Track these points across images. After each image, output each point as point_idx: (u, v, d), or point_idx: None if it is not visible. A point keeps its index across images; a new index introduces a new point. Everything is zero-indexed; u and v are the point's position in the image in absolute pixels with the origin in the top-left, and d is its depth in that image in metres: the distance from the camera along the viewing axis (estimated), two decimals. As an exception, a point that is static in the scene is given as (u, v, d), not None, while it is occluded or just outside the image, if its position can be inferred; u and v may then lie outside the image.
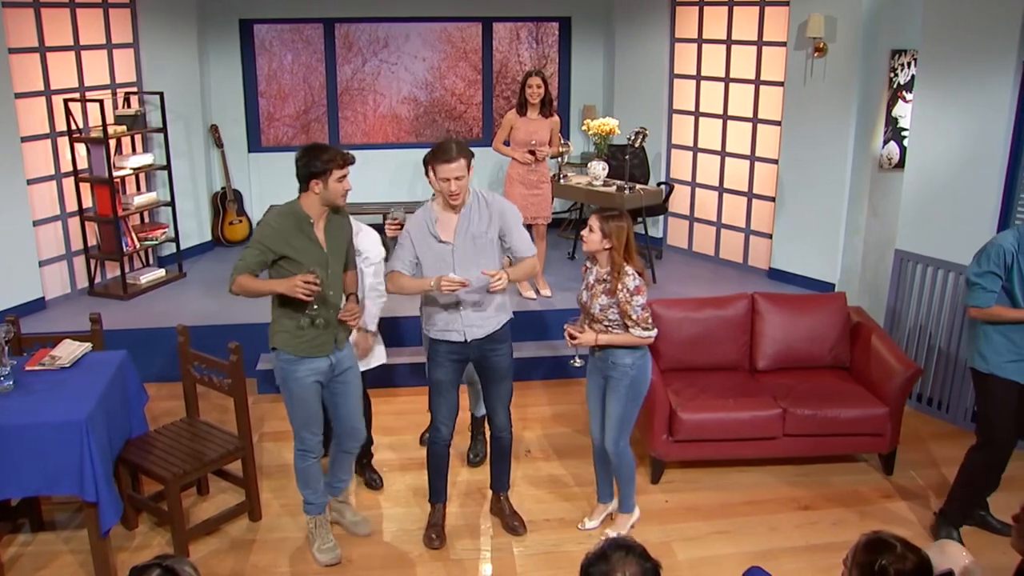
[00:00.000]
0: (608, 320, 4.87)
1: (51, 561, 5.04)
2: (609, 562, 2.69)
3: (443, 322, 4.97)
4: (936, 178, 6.71)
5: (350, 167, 4.67)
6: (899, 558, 2.93)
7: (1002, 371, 4.98)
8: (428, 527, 5.32)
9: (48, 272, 7.93)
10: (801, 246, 8.51)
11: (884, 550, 2.96)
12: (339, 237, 4.84)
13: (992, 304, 4.88)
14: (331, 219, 4.79)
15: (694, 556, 5.18)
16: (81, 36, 8.07)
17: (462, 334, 4.95)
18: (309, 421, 4.93)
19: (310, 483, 5.08)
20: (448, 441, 5.20)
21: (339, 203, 4.72)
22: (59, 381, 4.95)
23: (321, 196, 4.64)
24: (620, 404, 5.02)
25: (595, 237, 4.84)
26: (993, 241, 4.94)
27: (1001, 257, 4.84)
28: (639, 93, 9.77)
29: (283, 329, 4.77)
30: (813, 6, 7.92)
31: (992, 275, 4.86)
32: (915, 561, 2.93)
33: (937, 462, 6.24)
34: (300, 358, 4.77)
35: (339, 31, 10.23)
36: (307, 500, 5.13)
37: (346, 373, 4.99)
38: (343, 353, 4.95)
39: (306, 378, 4.80)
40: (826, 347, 6.46)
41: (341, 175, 4.63)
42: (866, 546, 3.01)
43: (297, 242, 4.65)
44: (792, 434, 5.92)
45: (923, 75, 6.76)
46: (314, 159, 4.58)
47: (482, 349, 5.01)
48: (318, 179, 4.59)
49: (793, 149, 8.41)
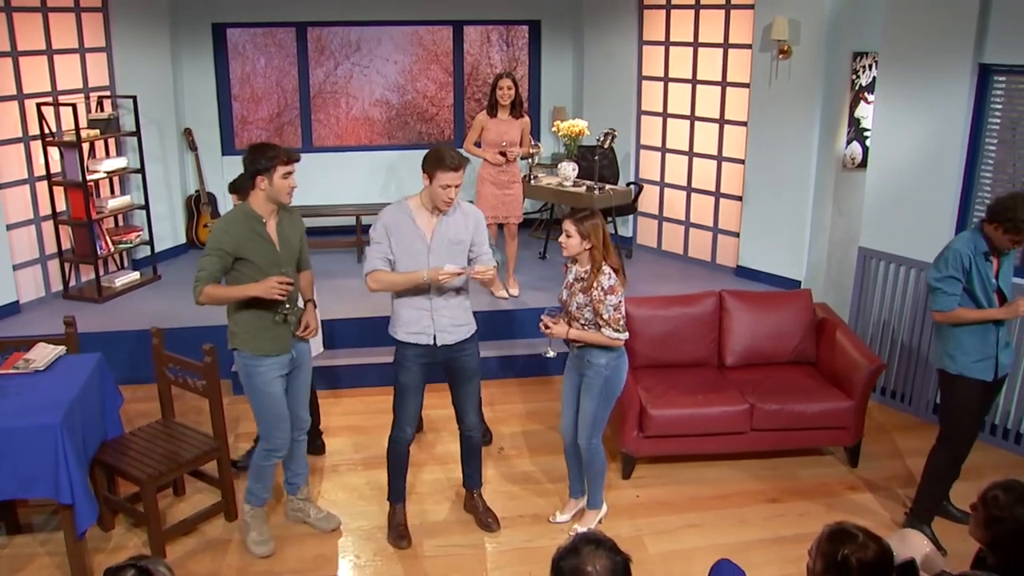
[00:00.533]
0: (584, 319, 4.90)
1: (28, 563, 5.01)
2: (580, 555, 2.71)
3: (414, 325, 4.97)
4: (898, 177, 6.79)
5: (295, 165, 4.73)
6: (860, 547, 2.97)
7: (970, 371, 5.04)
8: (391, 528, 5.31)
9: (22, 276, 7.87)
10: (767, 244, 8.57)
11: (846, 540, 3.01)
12: (291, 235, 4.91)
13: (955, 307, 4.94)
14: (282, 217, 4.85)
15: (665, 549, 5.21)
16: (54, 40, 8.00)
17: (431, 337, 4.96)
18: (278, 418, 4.96)
19: (263, 479, 5.12)
20: (410, 441, 5.22)
21: (285, 200, 4.78)
22: (33, 384, 4.93)
23: (267, 193, 4.70)
24: (593, 403, 5.05)
25: (574, 241, 4.86)
26: (951, 246, 5.00)
27: (959, 261, 4.91)
28: (608, 95, 9.82)
29: (244, 330, 4.82)
30: (777, 9, 7.99)
31: (952, 279, 4.92)
32: (876, 550, 2.98)
33: (901, 453, 6.32)
34: (264, 356, 4.83)
35: (311, 35, 10.20)
36: (252, 491, 5.15)
37: (303, 365, 5.11)
38: (301, 346, 5.05)
39: (271, 374, 4.87)
40: (792, 343, 6.52)
41: (286, 171, 4.69)
42: (829, 536, 3.06)
43: (250, 242, 4.70)
44: (760, 428, 5.97)
45: (884, 77, 6.84)
46: (259, 156, 4.66)
47: (450, 352, 5.02)
48: (264, 175, 4.66)
49: (759, 149, 8.47)
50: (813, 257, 8.24)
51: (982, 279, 4.91)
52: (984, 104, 6.33)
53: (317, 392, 6.20)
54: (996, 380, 5.11)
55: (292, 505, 5.43)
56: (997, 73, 6.26)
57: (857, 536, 3.01)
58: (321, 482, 5.92)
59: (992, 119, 6.35)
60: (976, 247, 4.90)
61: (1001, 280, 4.97)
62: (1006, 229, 4.74)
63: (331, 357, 7.31)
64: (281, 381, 4.93)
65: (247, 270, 4.70)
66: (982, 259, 4.90)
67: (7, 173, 7.66)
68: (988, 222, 4.84)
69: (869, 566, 2.95)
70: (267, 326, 4.81)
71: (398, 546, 5.22)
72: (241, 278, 4.72)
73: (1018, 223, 4.67)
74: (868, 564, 2.95)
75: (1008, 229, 4.73)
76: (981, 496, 3.41)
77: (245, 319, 4.80)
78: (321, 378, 7.25)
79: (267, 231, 4.77)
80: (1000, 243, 4.83)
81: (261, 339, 4.82)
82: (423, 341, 4.96)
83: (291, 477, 5.35)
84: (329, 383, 7.22)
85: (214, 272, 4.66)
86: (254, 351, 4.82)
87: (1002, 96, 6.29)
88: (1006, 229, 4.74)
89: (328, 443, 6.39)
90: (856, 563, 2.94)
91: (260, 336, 4.82)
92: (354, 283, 6.83)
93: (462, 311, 5.01)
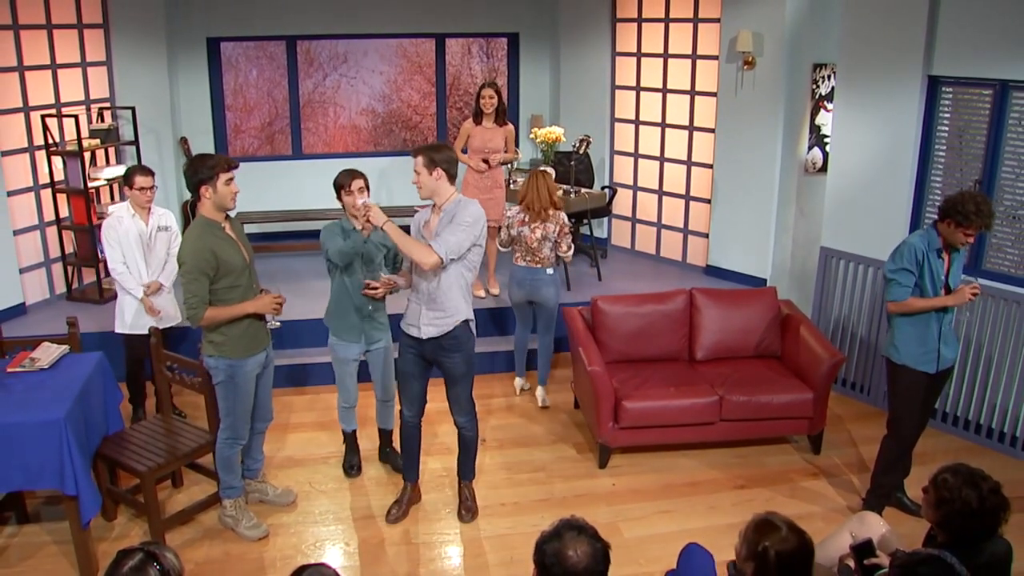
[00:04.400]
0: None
1: (36, 551, 5.01)
2: (562, 540, 2.74)
3: (409, 316, 5.04)
4: (856, 181, 6.84)
5: (235, 171, 4.78)
6: (782, 540, 3.00)
7: (913, 362, 5.10)
8: (393, 502, 5.41)
9: (28, 279, 7.84)
10: (735, 244, 8.62)
11: (769, 531, 3.04)
12: (244, 238, 5.02)
13: (907, 297, 5.01)
14: (232, 222, 4.94)
15: (639, 534, 5.25)
16: (57, 55, 7.98)
17: (419, 330, 4.98)
18: (247, 412, 5.07)
19: (232, 468, 5.17)
20: (414, 423, 5.27)
21: (229, 205, 4.81)
22: (39, 382, 4.92)
23: (213, 201, 4.75)
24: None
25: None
26: (906, 241, 5.06)
27: (913, 255, 4.97)
28: (583, 103, 9.84)
29: (231, 339, 4.86)
30: (742, 23, 8.04)
31: (906, 271, 4.98)
32: (796, 543, 3.01)
33: (859, 441, 6.38)
34: (247, 358, 4.92)
35: (301, 48, 10.18)
36: (228, 484, 5.20)
37: (271, 363, 5.25)
38: (268, 345, 5.15)
39: (252, 372, 4.98)
40: (758, 338, 6.57)
41: (228, 178, 4.74)
42: (756, 526, 3.09)
43: (219, 248, 4.74)
44: (728, 419, 6.02)
45: (841, 87, 6.89)
46: (200, 167, 4.72)
47: (436, 352, 5.03)
48: (207, 184, 4.70)
49: (726, 154, 8.52)
50: (778, 256, 8.29)
51: (932, 274, 4.97)
52: (933, 113, 6.40)
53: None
54: (939, 373, 5.17)
55: (251, 487, 5.51)
56: (945, 84, 6.32)
57: (780, 528, 3.04)
58: (313, 473, 5.93)
59: (941, 127, 6.42)
60: (930, 243, 4.97)
61: (951, 277, 5.03)
62: (957, 223, 4.81)
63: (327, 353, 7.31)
64: (255, 379, 5.05)
65: (223, 281, 4.76)
66: (935, 255, 4.96)
67: (14, 181, 7.64)
68: (940, 220, 4.92)
69: (787, 558, 2.98)
70: (248, 330, 4.90)
71: (387, 518, 5.35)
72: (218, 291, 4.76)
73: (968, 215, 4.75)
74: (786, 556, 2.98)
75: (959, 223, 4.79)
76: (932, 479, 3.48)
77: (230, 328, 4.85)
78: (317, 374, 7.28)
79: (228, 234, 4.84)
80: (954, 239, 4.89)
81: (244, 343, 4.90)
82: (413, 333, 5.01)
83: (251, 464, 5.48)
84: (325, 379, 7.25)
85: (205, 295, 4.71)
86: (239, 355, 4.88)
87: (950, 106, 6.36)
88: (957, 223, 4.81)
89: (316, 437, 6.43)
90: (774, 555, 2.98)
91: (243, 340, 4.89)
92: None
93: (444, 308, 4.92)
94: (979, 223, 4.77)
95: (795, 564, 3.01)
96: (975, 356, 6.27)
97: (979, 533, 3.37)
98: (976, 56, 6.05)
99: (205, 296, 4.71)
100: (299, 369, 7.27)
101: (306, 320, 7.21)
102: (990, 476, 3.41)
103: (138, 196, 6.05)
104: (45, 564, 4.91)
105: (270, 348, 5.17)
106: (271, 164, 9.98)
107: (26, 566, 4.90)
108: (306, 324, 7.24)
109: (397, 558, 5.03)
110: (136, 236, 6.08)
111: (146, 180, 6.07)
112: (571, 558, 2.70)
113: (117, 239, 6.04)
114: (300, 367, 7.27)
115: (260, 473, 5.56)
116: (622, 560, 4.89)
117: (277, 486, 5.62)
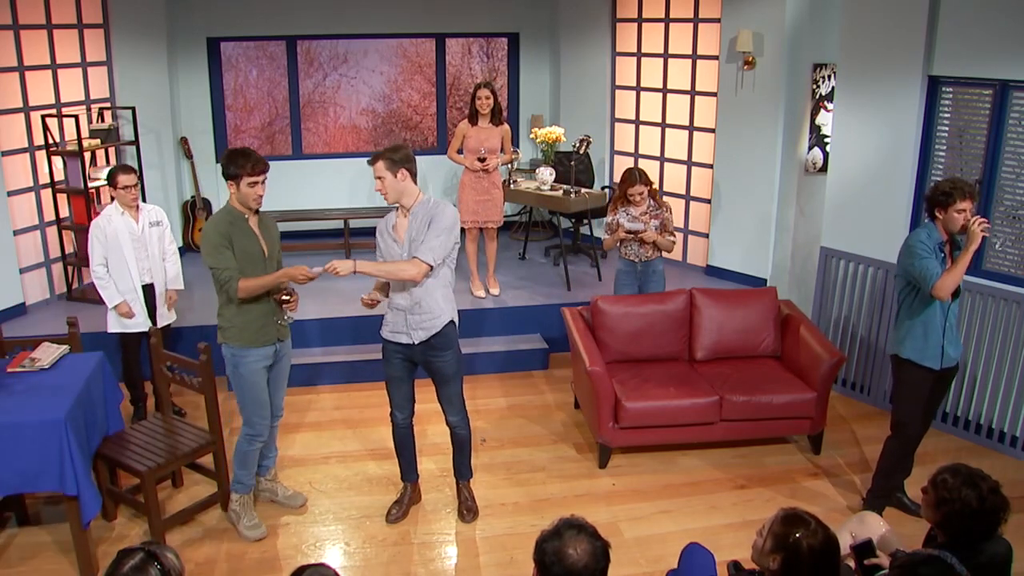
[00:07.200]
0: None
1: (37, 552, 5.01)
2: (562, 538, 2.75)
3: (393, 325, 5.02)
4: (856, 181, 6.84)
5: (263, 175, 4.81)
6: (811, 533, 3.03)
7: (918, 357, 5.08)
8: (393, 503, 5.42)
9: (28, 279, 7.83)
10: (735, 244, 8.62)
11: (799, 524, 3.06)
12: (274, 234, 5.05)
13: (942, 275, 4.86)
14: (262, 217, 4.99)
15: (640, 534, 5.25)
16: (58, 55, 7.98)
17: (409, 336, 4.98)
18: (260, 406, 5.07)
19: (248, 464, 5.18)
20: (405, 424, 5.29)
21: (252, 206, 4.86)
22: (39, 382, 4.92)
23: (237, 197, 4.81)
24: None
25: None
26: (911, 238, 5.01)
27: (923, 244, 4.91)
28: (583, 103, 9.84)
29: (234, 325, 4.92)
30: (742, 22, 8.03)
31: (928, 257, 4.88)
32: (823, 538, 3.03)
33: (860, 441, 6.37)
34: (251, 348, 4.94)
35: (301, 47, 10.18)
36: (239, 480, 5.21)
37: (283, 360, 5.22)
38: (283, 342, 5.16)
39: (256, 364, 4.98)
40: (759, 338, 6.56)
41: (252, 181, 4.77)
42: (784, 519, 3.10)
43: (235, 235, 4.80)
44: (728, 419, 6.01)
45: (842, 87, 6.89)
46: (230, 163, 4.78)
47: (426, 354, 5.03)
48: (232, 182, 4.77)
49: (727, 155, 8.52)
50: (778, 256, 8.29)
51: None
52: (933, 113, 6.39)
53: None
54: (944, 371, 5.15)
55: (261, 485, 5.51)
56: (945, 84, 6.32)
57: (810, 522, 3.06)
58: (313, 473, 5.93)
59: (941, 127, 6.41)
60: (931, 237, 4.95)
61: None
62: (944, 207, 4.85)
63: (328, 354, 7.41)
64: (264, 372, 5.05)
65: (238, 261, 4.81)
66: (937, 251, 4.95)
67: (14, 181, 7.64)
68: (933, 217, 4.94)
69: (817, 551, 3.01)
70: (254, 321, 4.92)
71: (387, 518, 5.35)
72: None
73: (948, 193, 4.81)
74: (816, 549, 3.01)
75: (945, 205, 4.83)
76: (932, 479, 3.49)
77: (235, 316, 4.90)
78: (318, 374, 7.29)
79: (250, 226, 4.88)
80: (953, 224, 4.86)
81: (249, 333, 4.92)
82: (402, 340, 5.00)
83: (263, 460, 5.44)
84: (326, 379, 7.25)
85: (233, 267, 4.76)
86: (243, 344, 4.92)
87: (950, 105, 6.35)
88: (944, 207, 4.85)
89: (320, 436, 6.43)
90: (805, 547, 3.00)
91: (248, 330, 4.92)
92: (343, 285, 6.83)
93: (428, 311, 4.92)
94: (961, 194, 4.80)
95: (826, 557, 3.03)
96: (975, 356, 6.26)
97: (979, 533, 3.37)
98: (976, 56, 6.05)
99: (234, 265, 4.75)
100: (299, 369, 7.27)
101: (306, 320, 7.22)
102: (990, 476, 3.41)
103: (123, 195, 6.07)
104: (45, 564, 4.91)
105: (285, 345, 5.19)
106: (271, 164, 9.93)
107: (26, 566, 4.89)
108: (306, 324, 7.25)
109: (397, 558, 5.03)
110: (128, 235, 6.09)
111: (129, 178, 6.08)
112: (571, 556, 2.71)
113: (103, 239, 6.06)
114: (300, 367, 7.26)
115: (271, 471, 5.54)
116: (622, 560, 4.89)
117: (288, 488, 5.60)
